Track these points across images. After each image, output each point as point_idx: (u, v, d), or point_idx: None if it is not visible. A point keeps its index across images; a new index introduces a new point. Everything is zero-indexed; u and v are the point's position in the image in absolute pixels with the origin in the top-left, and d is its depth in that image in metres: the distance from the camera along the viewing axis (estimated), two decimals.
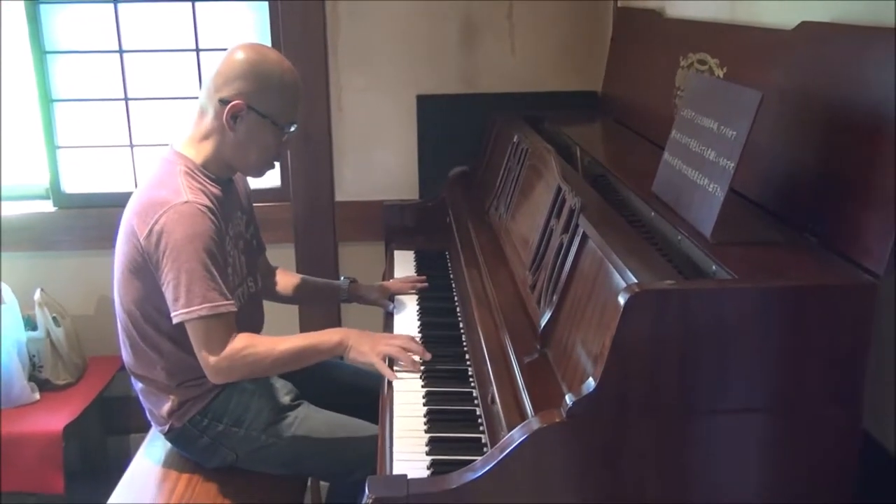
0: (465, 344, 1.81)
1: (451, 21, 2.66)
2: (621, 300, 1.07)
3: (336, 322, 2.82)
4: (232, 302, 1.70)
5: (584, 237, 1.39)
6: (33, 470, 2.37)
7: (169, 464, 1.89)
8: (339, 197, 2.76)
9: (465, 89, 2.71)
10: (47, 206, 2.77)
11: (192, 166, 1.77)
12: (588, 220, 1.40)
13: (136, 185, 2.75)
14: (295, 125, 1.81)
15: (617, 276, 1.20)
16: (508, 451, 1.10)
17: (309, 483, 1.97)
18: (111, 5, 2.66)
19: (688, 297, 1.08)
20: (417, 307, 2.05)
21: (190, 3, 2.68)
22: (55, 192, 2.77)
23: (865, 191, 1.18)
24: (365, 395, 1.88)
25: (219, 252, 1.71)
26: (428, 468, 1.36)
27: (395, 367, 1.71)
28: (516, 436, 1.11)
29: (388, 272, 2.35)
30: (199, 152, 1.80)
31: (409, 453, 1.41)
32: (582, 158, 2.03)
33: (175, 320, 1.67)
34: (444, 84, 2.70)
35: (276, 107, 1.77)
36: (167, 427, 1.84)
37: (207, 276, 1.66)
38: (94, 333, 2.74)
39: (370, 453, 1.70)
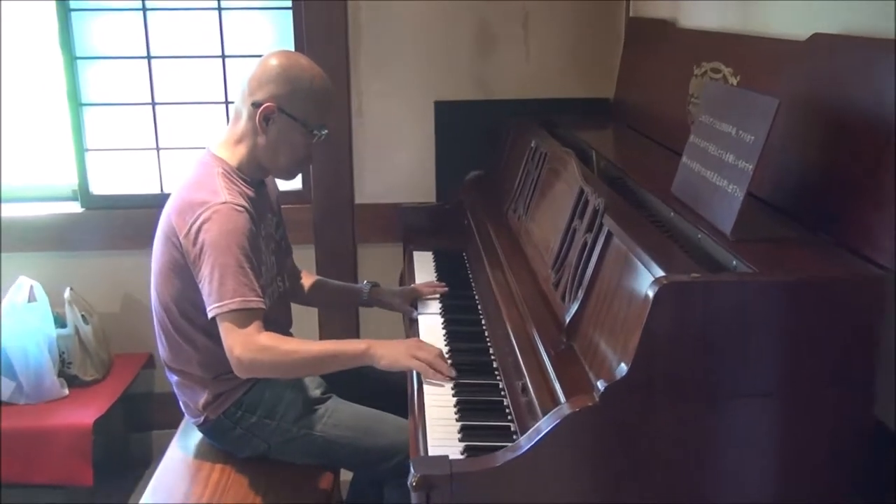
0: (487, 339, 1.88)
1: (468, 29, 2.72)
2: (651, 292, 1.14)
3: (355, 325, 2.87)
4: (262, 299, 1.74)
5: (609, 235, 1.46)
6: (64, 463, 2.43)
7: (201, 455, 1.95)
8: (358, 199, 2.82)
9: (481, 95, 2.77)
10: (75, 208, 2.83)
11: (228, 168, 1.84)
12: (612, 220, 1.47)
13: (161, 188, 2.84)
14: (325, 129, 1.88)
15: (644, 271, 1.26)
16: (545, 432, 1.17)
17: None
18: (140, 13, 2.72)
19: (713, 289, 1.15)
20: (440, 305, 2.12)
21: (216, 11, 2.74)
22: (83, 194, 2.82)
23: (875, 192, 1.25)
24: (391, 389, 1.92)
25: (253, 251, 1.76)
26: (461, 453, 1.42)
27: (424, 379, 1.71)
28: (552, 419, 1.18)
29: (408, 273, 2.40)
30: (234, 155, 1.86)
31: (443, 439, 1.47)
32: (598, 162, 2.09)
33: (209, 315, 1.72)
34: (461, 90, 2.76)
35: (306, 110, 1.83)
36: (202, 419, 1.90)
37: (240, 272, 1.71)
38: (120, 331, 2.81)
39: (397, 445, 1.78)
